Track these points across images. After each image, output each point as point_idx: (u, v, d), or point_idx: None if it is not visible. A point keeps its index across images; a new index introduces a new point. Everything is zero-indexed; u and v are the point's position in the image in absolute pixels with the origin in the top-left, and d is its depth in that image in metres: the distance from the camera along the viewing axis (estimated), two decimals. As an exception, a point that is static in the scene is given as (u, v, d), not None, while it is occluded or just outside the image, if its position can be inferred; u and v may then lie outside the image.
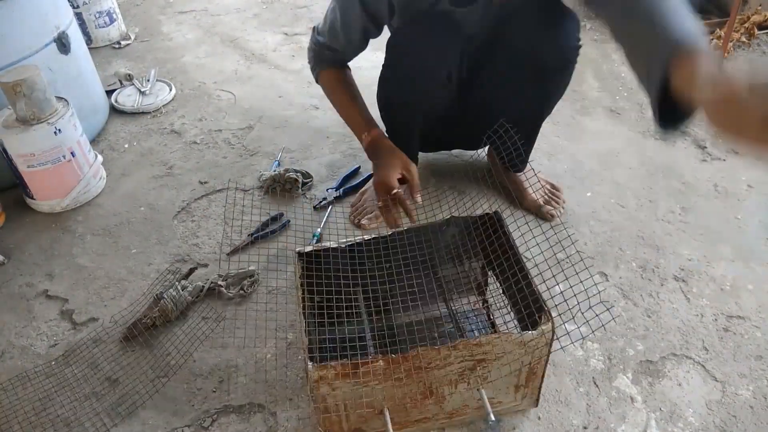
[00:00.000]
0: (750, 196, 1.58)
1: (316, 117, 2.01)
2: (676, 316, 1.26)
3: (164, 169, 1.80)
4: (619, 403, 1.10)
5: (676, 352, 1.19)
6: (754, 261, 1.38)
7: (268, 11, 2.86)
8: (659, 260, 1.39)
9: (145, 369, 1.20)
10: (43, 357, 1.25)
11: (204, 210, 1.63)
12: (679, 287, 1.33)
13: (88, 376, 1.20)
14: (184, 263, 1.45)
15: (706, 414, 1.08)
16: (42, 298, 1.39)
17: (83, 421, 1.11)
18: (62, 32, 1.75)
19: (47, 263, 1.48)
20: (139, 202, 1.67)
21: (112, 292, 1.39)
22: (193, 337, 1.26)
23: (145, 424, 1.11)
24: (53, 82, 1.68)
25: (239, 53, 2.48)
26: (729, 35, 2.05)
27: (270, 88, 2.21)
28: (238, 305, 1.33)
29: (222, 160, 1.82)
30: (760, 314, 1.26)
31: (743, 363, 1.16)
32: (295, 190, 1.64)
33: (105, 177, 1.76)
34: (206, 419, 1.11)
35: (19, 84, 1.45)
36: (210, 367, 1.20)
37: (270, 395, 1.14)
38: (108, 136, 1.97)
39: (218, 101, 2.14)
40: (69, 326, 1.32)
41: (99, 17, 2.51)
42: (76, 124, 1.60)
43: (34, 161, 1.53)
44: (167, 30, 2.72)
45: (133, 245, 1.52)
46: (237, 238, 1.51)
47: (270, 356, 1.22)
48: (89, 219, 1.62)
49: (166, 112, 2.09)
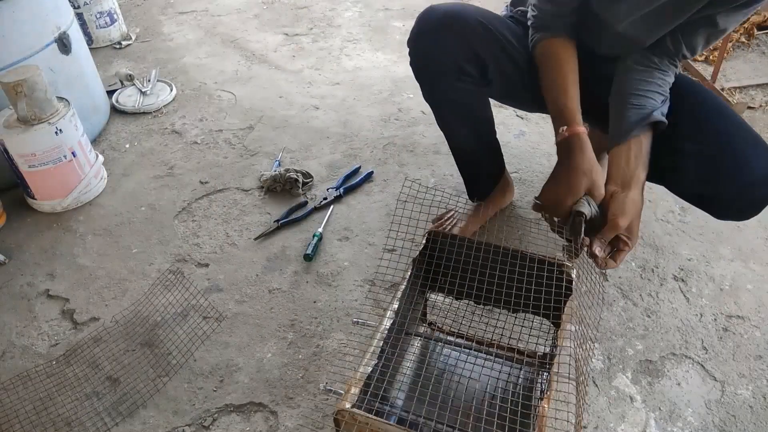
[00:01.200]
0: (749, 196, 1.58)
1: (316, 117, 2.01)
2: (676, 316, 1.26)
3: (165, 169, 1.80)
4: (619, 402, 1.11)
5: (675, 352, 1.19)
6: (753, 261, 1.39)
7: (269, 12, 2.86)
8: (659, 260, 1.39)
9: (145, 368, 1.21)
10: (44, 356, 1.25)
11: (205, 210, 1.63)
12: (678, 287, 1.33)
13: (88, 375, 1.20)
14: (185, 263, 1.45)
15: (706, 413, 1.08)
16: (43, 297, 1.39)
17: (84, 420, 1.12)
18: (63, 32, 1.75)
19: (48, 263, 1.49)
20: (139, 202, 1.67)
21: (113, 291, 1.40)
22: (194, 336, 1.26)
23: (146, 424, 1.11)
24: (54, 82, 1.68)
25: (240, 54, 2.48)
26: (728, 35, 2.06)
27: (270, 88, 2.21)
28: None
29: (222, 160, 1.83)
30: (759, 314, 1.26)
31: (742, 363, 1.17)
32: (296, 190, 1.65)
33: (106, 177, 1.76)
34: (207, 418, 1.11)
35: (20, 84, 1.45)
36: (211, 366, 1.21)
37: (271, 394, 1.14)
38: (109, 136, 1.98)
39: (219, 101, 2.15)
40: (70, 326, 1.32)
41: (100, 17, 2.52)
42: (77, 124, 1.60)
43: (35, 161, 1.54)
44: (168, 30, 2.73)
45: (134, 245, 1.53)
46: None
47: (270, 356, 1.22)
48: (90, 219, 1.62)
49: (167, 113, 2.09)
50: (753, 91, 2.00)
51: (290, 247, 1.48)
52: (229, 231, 1.55)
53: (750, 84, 2.02)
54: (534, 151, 1.76)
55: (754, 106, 1.94)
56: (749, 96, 1.99)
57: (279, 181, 1.65)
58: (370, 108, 2.04)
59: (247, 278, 1.41)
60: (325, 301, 1.33)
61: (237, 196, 1.67)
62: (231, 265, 1.45)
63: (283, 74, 2.31)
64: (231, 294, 1.37)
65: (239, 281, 1.40)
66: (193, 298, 1.35)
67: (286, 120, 2.01)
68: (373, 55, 2.41)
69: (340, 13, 2.77)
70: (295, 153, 1.84)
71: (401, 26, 2.62)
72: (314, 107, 2.07)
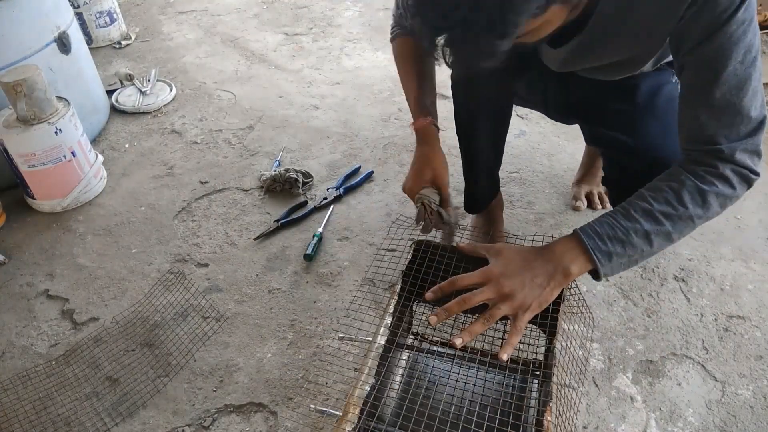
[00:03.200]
0: (750, 196, 1.58)
1: (316, 117, 2.01)
2: (676, 316, 1.26)
3: (165, 169, 1.80)
4: (619, 402, 1.10)
5: (676, 352, 1.19)
6: (754, 261, 1.38)
7: (269, 11, 2.86)
8: (659, 260, 1.39)
9: (145, 368, 1.20)
10: (44, 356, 1.25)
11: (204, 210, 1.63)
12: (679, 287, 1.33)
13: (88, 375, 1.20)
14: (185, 263, 1.45)
15: (706, 414, 1.08)
16: (43, 297, 1.39)
17: (84, 420, 1.11)
18: (63, 32, 1.75)
19: (48, 263, 1.49)
20: (139, 202, 1.67)
21: (113, 291, 1.39)
22: (193, 336, 1.26)
23: (146, 424, 1.11)
24: (54, 82, 1.68)
25: (240, 53, 2.48)
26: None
27: (270, 88, 2.21)
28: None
29: (222, 160, 1.82)
30: (760, 314, 1.26)
31: (743, 363, 1.16)
32: (296, 189, 1.64)
33: (105, 177, 1.76)
34: (207, 419, 1.11)
35: (19, 84, 1.45)
36: (211, 366, 1.21)
37: (270, 395, 1.14)
38: (108, 136, 1.97)
39: (219, 101, 2.15)
40: (70, 326, 1.32)
41: (99, 17, 2.52)
42: (76, 123, 1.60)
43: (35, 161, 1.53)
44: (168, 30, 2.72)
45: (133, 245, 1.52)
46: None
47: (270, 356, 1.22)
48: (90, 219, 1.62)
49: (167, 112, 2.09)
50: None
51: (290, 247, 1.48)
52: (229, 231, 1.55)
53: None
54: (534, 151, 1.76)
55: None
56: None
57: (279, 181, 1.65)
58: (370, 108, 2.04)
59: (247, 278, 1.40)
60: (325, 301, 1.33)
61: (237, 196, 1.67)
62: (231, 265, 1.44)
63: (283, 74, 2.31)
64: (231, 294, 1.37)
65: (239, 281, 1.40)
66: (193, 298, 1.35)
67: (286, 120, 2.00)
68: (373, 54, 2.41)
69: (340, 13, 2.77)
70: (295, 153, 1.84)
71: (401, 26, 2.62)
72: (314, 107, 2.07)
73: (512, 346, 0.77)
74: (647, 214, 0.79)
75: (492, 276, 0.80)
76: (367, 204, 1.61)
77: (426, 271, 0.90)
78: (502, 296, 0.78)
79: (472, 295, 0.79)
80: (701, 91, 0.78)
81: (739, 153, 0.78)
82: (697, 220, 0.80)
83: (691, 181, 0.79)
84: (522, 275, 0.79)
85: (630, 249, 0.79)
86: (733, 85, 0.75)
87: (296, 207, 1.60)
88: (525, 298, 0.78)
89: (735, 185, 0.80)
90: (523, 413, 0.81)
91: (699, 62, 0.77)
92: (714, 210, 0.80)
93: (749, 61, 0.75)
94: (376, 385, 0.77)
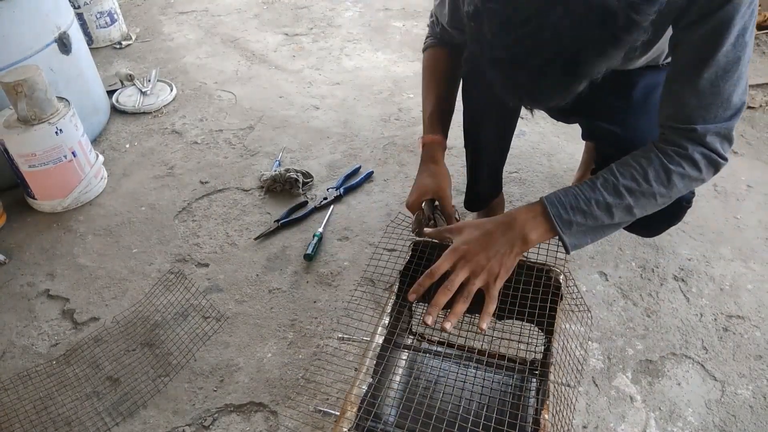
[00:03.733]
0: (749, 196, 1.58)
1: (316, 117, 2.01)
2: (676, 316, 1.26)
3: (165, 169, 1.80)
4: (619, 402, 1.11)
5: (675, 352, 1.19)
6: (753, 261, 1.39)
7: (269, 12, 2.86)
8: (659, 260, 1.39)
9: (146, 368, 1.21)
10: (45, 356, 1.25)
11: (205, 210, 1.63)
12: (678, 287, 1.33)
13: (89, 375, 1.20)
14: (185, 263, 1.45)
15: (706, 413, 1.08)
16: (43, 297, 1.39)
17: (84, 420, 1.12)
18: (63, 32, 1.75)
19: (48, 263, 1.49)
20: (140, 202, 1.67)
21: (114, 291, 1.40)
22: (194, 336, 1.26)
23: (146, 424, 1.11)
24: (54, 82, 1.68)
25: (240, 53, 2.48)
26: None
27: (270, 88, 2.21)
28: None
29: (223, 160, 1.83)
30: (759, 314, 1.26)
31: (743, 362, 1.16)
32: (296, 189, 1.65)
33: (106, 177, 1.76)
34: (207, 418, 1.11)
35: (20, 84, 1.45)
36: (211, 366, 1.21)
37: (271, 394, 1.14)
38: (109, 136, 1.98)
39: (219, 101, 2.15)
40: (70, 326, 1.32)
41: (100, 17, 2.52)
42: (77, 124, 1.60)
43: (36, 161, 1.54)
44: (168, 30, 2.73)
45: (134, 245, 1.53)
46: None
47: (270, 356, 1.22)
48: (90, 219, 1.62)
49: (167, 113, 2.09)
50: (753, 91, 2.00)
51: (290, 247, 1.48)
52: (229, 231, 1.55)
53: (750, 84, 2.02)
54: (534, 151, 1.76)
55: (754, 106, 1.94)
56: (749, 96, 1.99)
57: (279, 181, 1.65)
58: (371, 108, 2.04)
59: (247, 278, 1.41)
60: (325, 301, 1.33)
61: (237, 196, 1.67)
62: (231, 265, 1.45)
63: (283, 74, 2.31)
64: (231, 294, 1.37)
65: (239, 281, 1.40)
66: (193, 298, 1.35)
67: (286, 120, 2.01)
68: (373, 55, 2.41)
69: (340, 13, 2.77)
70: (295, 153, 1.84)
71: (401, 26, 2.62)
72: (314, 107, 2.07)
73: (489, 315, 0.80)
74: (611, 188, 0.82)
75: (459, 254, 0.83)
76: (367, 204, 1.61)
77: (424, 271, 0.91)
78: (474, 272, 0.82)
79: (450, 281, 0.81)
80: (691, 68, 0.79)
81: (710, 136, 0.80)
82: (659, 198, 0.83)
83: (659, 159, 0.81)
84: (486, 248, 0.82)
85: (590, 219, 0.82)
86: (722, 66, 0.76)
87: (296, 207, 1.60)
88: (492, 268, 0.81)
89: (701, 168, 0.82)
90: (521, 412, 0.82)
91: (694, 40, 0.78)
92: (677, 190, 0.83)
93: (741, 45, 0.76)
94: (374, 384, 0.78)
